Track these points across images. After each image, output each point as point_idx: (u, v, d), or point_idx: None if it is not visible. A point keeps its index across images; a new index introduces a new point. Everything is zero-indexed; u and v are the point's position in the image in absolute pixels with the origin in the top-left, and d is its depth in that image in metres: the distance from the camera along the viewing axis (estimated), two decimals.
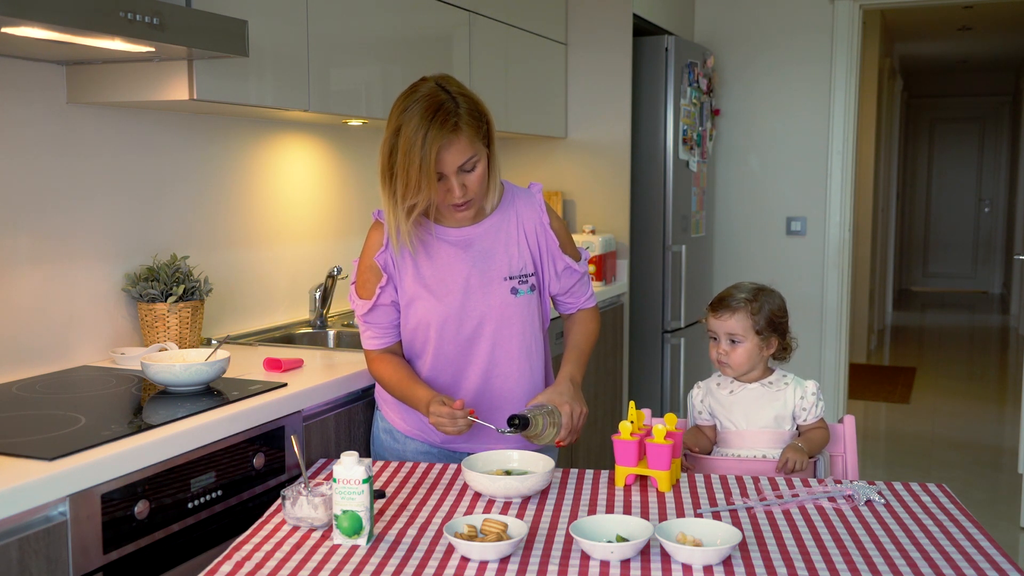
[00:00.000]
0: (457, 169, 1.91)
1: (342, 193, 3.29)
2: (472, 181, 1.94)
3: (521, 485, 1.73)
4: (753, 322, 2.17)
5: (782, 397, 2.17)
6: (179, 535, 1.81)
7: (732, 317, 2.18)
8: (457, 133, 1.89)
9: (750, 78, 5.13)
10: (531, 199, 2.12)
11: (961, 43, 9.14)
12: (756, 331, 2.17)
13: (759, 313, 2.18)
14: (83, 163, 2.37)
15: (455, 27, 3.30)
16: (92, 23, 1.76)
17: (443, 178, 1.92)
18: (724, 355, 2.20)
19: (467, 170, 1.93)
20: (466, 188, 1.94)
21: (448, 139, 1.88)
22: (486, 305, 2.05)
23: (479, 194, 1.98)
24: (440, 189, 1.93)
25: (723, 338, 2.20)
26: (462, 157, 1.90)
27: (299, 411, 2.12)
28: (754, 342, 2.18)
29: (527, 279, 2.08)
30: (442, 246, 2.05)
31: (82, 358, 2.38)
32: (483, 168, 1.96)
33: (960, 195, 11.80)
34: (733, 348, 2.19)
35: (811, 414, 2.16)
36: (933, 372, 7.27)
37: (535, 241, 2.10)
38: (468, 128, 1.90)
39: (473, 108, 1.93)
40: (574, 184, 4.32)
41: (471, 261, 2.05)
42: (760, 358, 2.20)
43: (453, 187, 1.92)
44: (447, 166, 1.90)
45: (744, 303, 2.19)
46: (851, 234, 5.14)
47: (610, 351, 4.08)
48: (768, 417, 2.16)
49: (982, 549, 1.53)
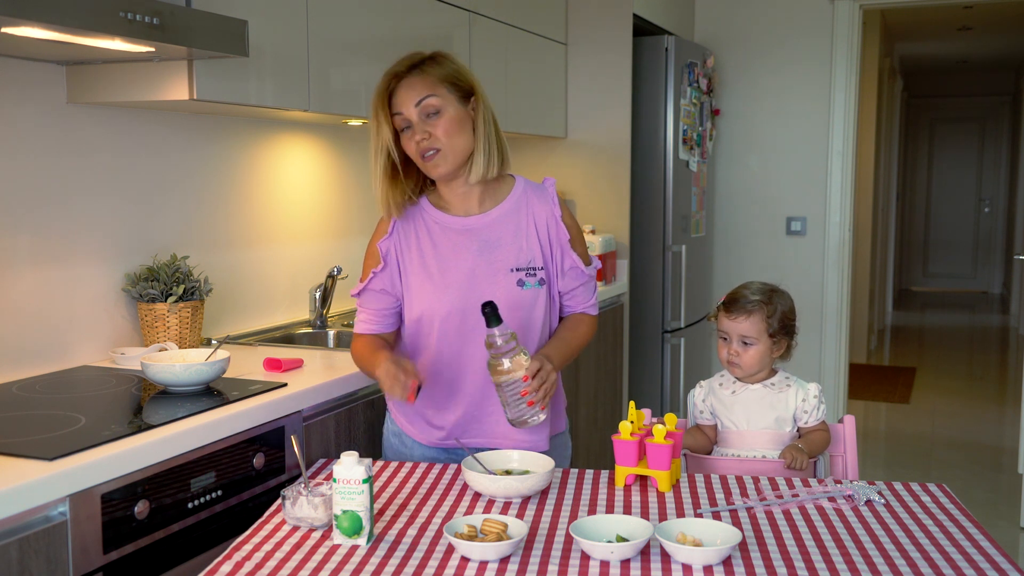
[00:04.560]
0: (417, 112, 1.93)
1: (342, 193, 3.29)
2: (437, 129, 1.94)
3: (521, 485, 1.73)
4: (767, 325, 2.15)
5: (784, 399, 2.17)
6: (179, 535, 1.81)
7: (748, 320, 2.16)
8: (415, 72, 1.95)
9: (750, 78, 5.13)
10: (544, 192, 2.09)
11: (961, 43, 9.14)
12: (769, 334, 2.16)
13: (773, 316, 2.16)
14: (83, 163, 2.37)
15: (455, 27, 3.30)
16: (92, 23, 1.76)
17: (408, 128, 1.95)
18: (735, 356, 2.17)
19: (429, 114, 1.94)
20: (429, 135, 1.94)
21: (402, 78, 1.95)
22: (490, 296, 1.99)
23: (448, 146, 1.96)
24: (410, 138, 1.95)
25: (735, 339, 2.17)
26: (416, 94, 1.93)
27: (299, 411, 2.12)
28: (767, 344, 2.16)
29: (535, 272, 2.04)
30: (447, 234, 2.03)
31: (82, 358, 2.38)
32: (450, 118, 1.95)
33: (960, 195, 11.79)
34: (745, 349, 2.16)
35: (812, 417, 2.16)
36: (933, 372, 7.27)
37: (546, 234, 2.06)
38: (431, 72, 1.96)
39: (449, 63, 1.99)
40: (574, 184, 4.32)
41: (477, 250, 2.02)
42: (770, 360, 2.19)
43: (415, 128, 1.94)
44: (402, 103, 1.94)
45: (759, 305, 2.16)
46: (851, 234, 5.14)
47: (610, 351, 4.08)
48: (769, 418, 2.16)
49: (982, 549, 1.53)
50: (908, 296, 11.64)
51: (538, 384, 1.86)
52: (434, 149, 1.95)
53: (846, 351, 5.21)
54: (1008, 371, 7.39)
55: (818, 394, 2.17)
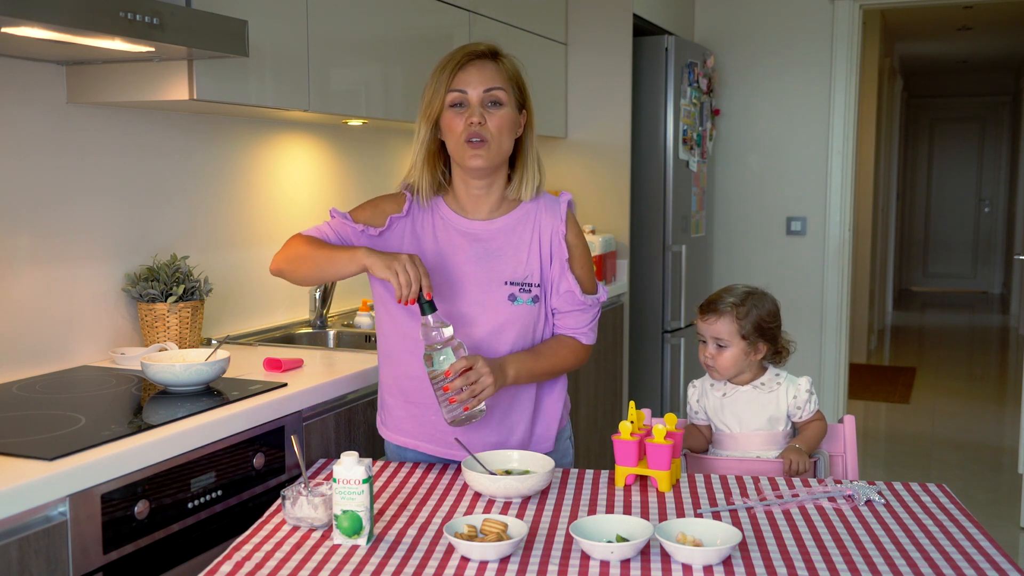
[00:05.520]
0: (482, 96, 1.90)
1: (342, 193, 3.29)
2: (495, 118, 1.91)
3: (521, 485, 1.73)
4: (739, 327, 2.15)
5: (775, 399, 2.17)
6: (179, 535, 1.81)
7: (718, 321, 2.17)
8: (488, 59, 1.93)
9: (750, 78, 5.13)
10: (555, 207, 2.02)
11: (961, 43, 9.14)
12: (742, 336, 2.15)
13: (745, 318, 2.15)
14: (83, 163, 2.37)
15: (455, 27, 3.30)
16: (92, 23, 1.76)
17: (465, 105, 1.91)
18: (711, 358, 2.19)
19: (492, 103, 1.91)
20: (484, 121, 1.89)
21: (479, 60, 1.92)
22: (479, 306, 1.95)
23: (497, 141, 1.91)
24: (460, 116, 1.90)
25: (710, 341, 2.19)
26: (488, 80, 1.91)
27: (299, 411, 2.12)
28: (740, 347, 2.16)
29: (530, 288, 1.97)
30: (450, 233, 1.99)
31: (82, 358, 2.38)
32: (508, 116, 1.92)
33: (960, 195, 11.80)
34: (719, 352, 2.17)
35: (806, 411, 2.16)
36: (933, 372, 7.27)
37: (548, 250, 1.99)
38: (506, 66, 1.95)
39: (514, 64, 1.98)
40: (574, 184, 4.32)
41: (475, 256, 1.97)
42: (748, 363, 2.18)
43: (474, 109, 1.89)
44: (471, 82, 1.90)
45: (731, 307, 2.16)
46: (851, 234, 5.14)
47: (610, 351, 4.08)
48: (761, 420, 2.16)
49: (982, 549, 1.53)
50: (908, 296, 11.64)
51: (462, 383, 1.80)
52: (482, 138, 1.91)
53: (846, 351, 5.21)
54: (1008, 371, 7.39)
55: (809, 387, 2.17)
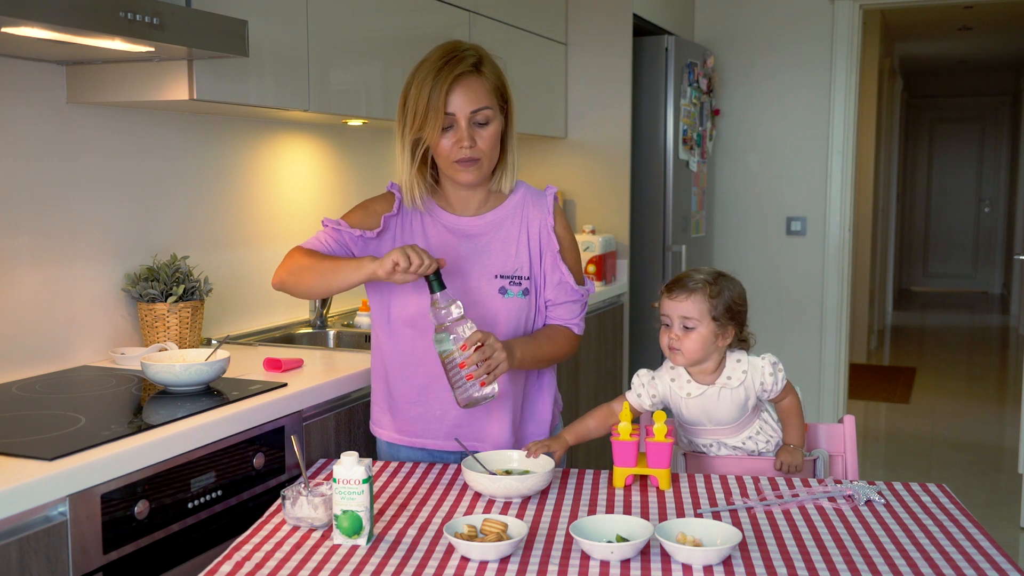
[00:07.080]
0: (469, 117, 1.89)
1: (342, 193, 3.29)
2: (484, 138, 1.91)
3: (521, 485, 1.73)
4: (711, 306, 2.01)
5: (742, 391, 2.04)
6: (179, 535, 1.81)
7: (688, 299, 2.02)
8: (473, 75, 1.90)
9: (750, 78, 5.13)
10: (542, 200, 2.06)
11: (961, 43, 9.14)
12: (713, 316, 2.01)
13: (718, 297, 2.02)
14: (83, 163, 2.37)
15: (455, 27, 3.30)
16: (92, 23, 1.76)
17: (454, 127, 1.90)
18: (676, 340, 2.03)
19: (480, 123, 1.91)
20: (474, 144, 1.90)
21: (464, 79, 1.89)
22: (469, 300, 1.96)
23: (488, 157, 1.93)
24: (449, 138, 1.90)
25: (676, 322, 2.03)
26: (475, 101, 1.90)
27: (299, 411, 2.12)
28: (710, 328, 2.01)
29: (520, 281, 2.00)
30: (439, 230, 2.01)
31: (82, 358, 2.38)
32: (495, 130, 1.93)
33: (960, 195, 11.80)
34: (686, 334, 2.02)
35: (774, 391, 2.05)
36: (933, 372, 7.27)
37: (537, 243, 2.03)
38: (489, 79, 1.93)
39: (495, 69, 1.95)
40: (574, 184, 4.32)
41: (464, 252, 2.00)
42: (714, 347, 2.04)
43: (463, 134, 1.89)
44: (459, 106, 1.89)
45: (703, 284, 2.02)
46: (851, 234, 5.14)
47: (610, 351, 4.08)
48: (732, 411, 2.05)
49: (982, 549, 1.53)
50: (908, 296, 11.64)
51: (479, 357, 1.80)
52: (474, 159, 1.92)
53: (846, 351, 5.20)
54: (1008, 371, 7.39)
55: (771, 367, 2.04)
